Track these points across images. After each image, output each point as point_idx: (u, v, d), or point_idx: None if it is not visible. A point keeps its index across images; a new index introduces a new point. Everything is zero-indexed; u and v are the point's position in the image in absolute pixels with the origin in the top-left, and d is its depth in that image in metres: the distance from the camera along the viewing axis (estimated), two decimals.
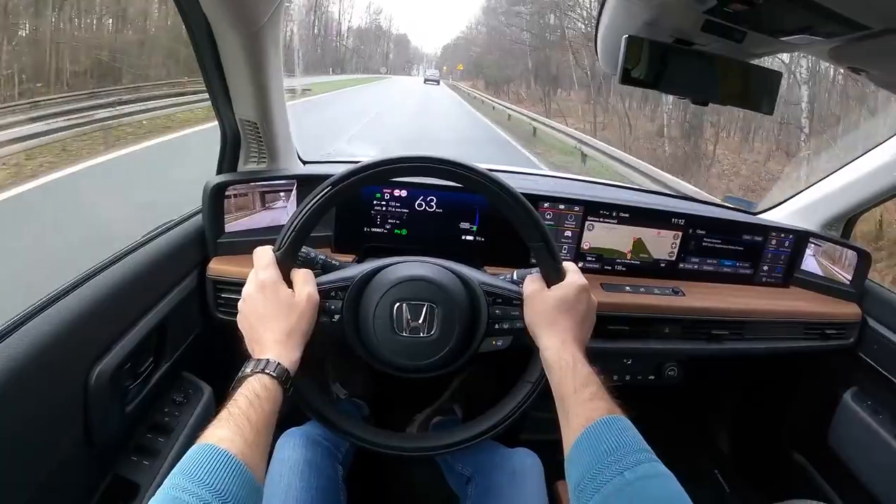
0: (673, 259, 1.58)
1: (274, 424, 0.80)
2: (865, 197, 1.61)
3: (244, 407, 0.76)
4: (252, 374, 0.82)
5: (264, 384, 0.80)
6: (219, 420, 0.74)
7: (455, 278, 1.02)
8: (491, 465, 1.22)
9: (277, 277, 0.92)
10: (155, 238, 1.22)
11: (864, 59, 1.01)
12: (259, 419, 0.76)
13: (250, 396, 0.78)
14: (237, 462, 0.68)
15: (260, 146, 1.39)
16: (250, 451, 0.71)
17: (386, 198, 1.43)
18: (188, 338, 1.27)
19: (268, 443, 0.77)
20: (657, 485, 0.72)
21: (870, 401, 1.60)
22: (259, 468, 0.72)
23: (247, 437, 0.72)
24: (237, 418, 0.74)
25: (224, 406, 0.77)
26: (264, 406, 0.78)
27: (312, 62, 68.83)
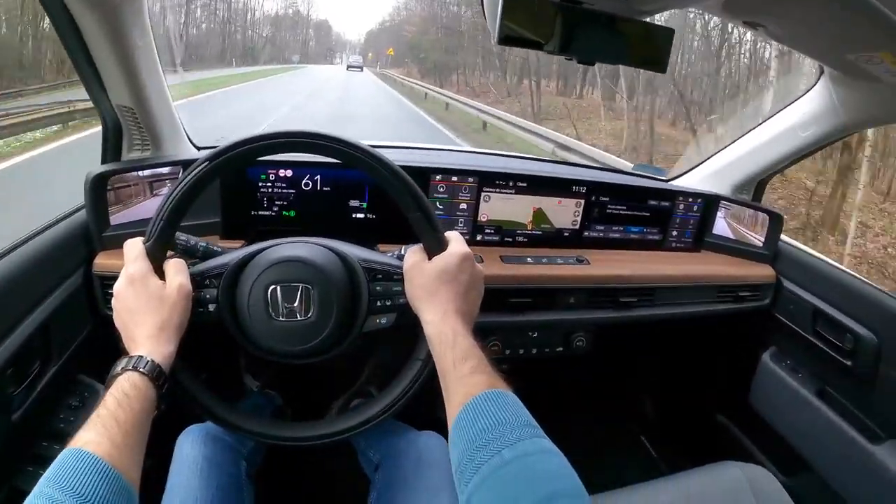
0: (577, 228, 1.57)
1: (147, 423, 0.77)
2: (774, 159, 1.63)
3: (112, 407, 0.72)
4: (122, 373, 0.78)
5: (133, 382, 0.77)
6: (88, 423, 0.70)
7: (333, 256, 0.99)
8: (397, 451, 1.19)
9: (147, 269, 0.88)
10: (36, 236, 1.16)
11: (758, 12, 1.00)
12: (128, 419, 0.72)
13: (118, 396, 0.74)
14: (104, 465, 0.65)
15: (142, 133, 1.32)
16: (119, 453, 0.68)
17: (272, 179, 1.38)
18: (78, 337, 1.21)
19: (141, 443, 0.74)
20: (537, 462, 0.68)
21: (788, 360, 1.63)
22: (130, 469, 0.69)
23: (115, 438, 0.69)
24: (105, 419, 0.71)
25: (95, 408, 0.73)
26: (133, 405, 0.74)
27: (214, 53, 61.32)
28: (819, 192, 9.07)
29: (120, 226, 1.27)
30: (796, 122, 1.53)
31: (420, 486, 1.10)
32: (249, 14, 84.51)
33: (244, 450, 1.19)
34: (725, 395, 1.86)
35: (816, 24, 1.00)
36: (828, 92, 1.41)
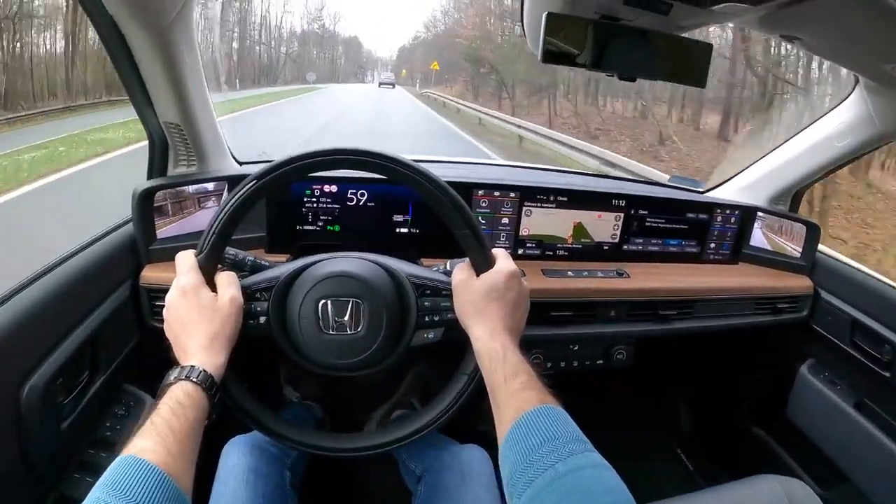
0: (616, 241, 1.57)
1: (200, 432, 0.78)
2: (811, 170, 1.62)
3: (167, 416, 0.74)
4: (175, 382, 0.80)
5: (187, 392, 0.79)
6: (142, 431, 0.72)
7: (382, 272, 1.00)
8: (440, 463, 1.20)
9: (199, 281, 0.90)
10: (84, 248, 1.18)
11: (794, 26, 1.01)
12: (183, 427, 0.74)
13: (172, 405, 0.76)
14: (159, 472, 0.66)
15: (188, 149, 1.35)
16: (173, 461, 0.69)
17: (317, 194, 1.40)
18: (125, 349, 1.24)
19: (194, 451, 0.76)
20: (590, 476, 0.69)
21: (826, 372, 1.61)
22: (184, 477, 0.70)
23: (169, 446, 0.70)
24: (159, 428, 0.72)
25: (148, 416, 0.74)
26: (188, 414, 0.76)
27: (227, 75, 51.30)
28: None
29: (166, 239, 1.30)
30: (832, 132, 1.51)
31: (463, 498, 1.11)
32: (263, 29, 72.25)
33: (288, 460, 1.21)
34: (763, 407, 1.84)
35: (852, 36, 1.00)
36: (863, 101, 1.40)
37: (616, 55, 1.01)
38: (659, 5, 0.93)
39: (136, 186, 1.25)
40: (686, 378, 2.14)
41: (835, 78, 6.03)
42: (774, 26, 1.03)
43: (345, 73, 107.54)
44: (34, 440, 0.92)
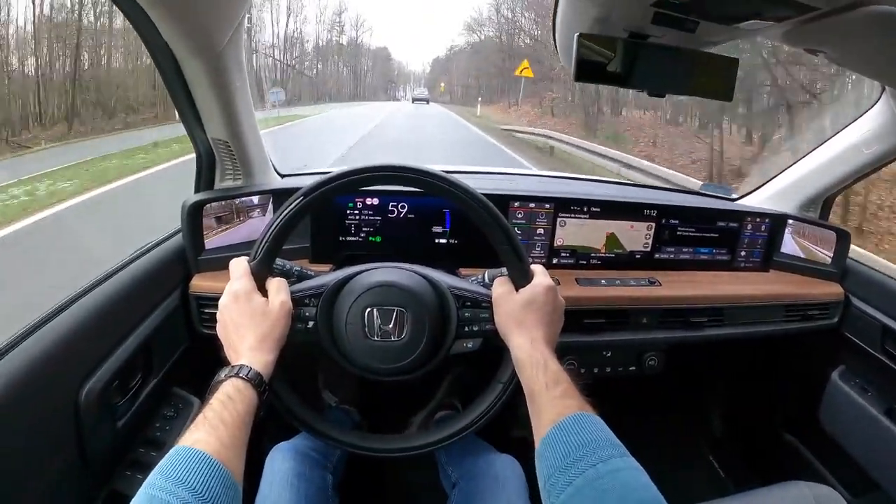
0: (648, 250, 1.59)
1: (249, 425, 0.82)
2: (840, 176, 1.62)
3: (218, 410, 0.78)
4: (226, 379, 0.84)
5: (237, 387, 0.83)
6: (195, 424, 0.76)
7: (425, 282, 1.05)
8: (476, 470, 1.24)
9: (251, 287, 0.95)
10: (137, 259, 1.24)
11: (818, 40, 1.03)
12: (233, 420, 0.78)
13: (223, 399, 0.80)
14: (213, 461, 0.70)
15: (234, 163, 1.41)
16: (226, 451, 0.73)
17: (359, 206, 1.45)
18: (175, 353, 1.30)
19: (243, 443, 0.79)
20: (628, 478, 0.73)
21: (857, 379, 1.61)
22: (236, 466, 0.74)
23: (221, 437, 0.74)
24: (211, 420, 0.76)
25: (200, 411, 0.79)
26: (238, 407, 0.80)
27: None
28: None
29: (214, 249, 1.36)
30: (859, 139, 1.52)
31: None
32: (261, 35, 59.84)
33: (329, 464, 1.26)
34: (794, 413, 1.84)
35: (876, 48, 1.01)
36: (889, 109, 1.41)
37: (645, 72, 1.04)
38: (685, 23, 0.96)
39: (186, 200, 1.32)
40: (717, 384, 2.14)
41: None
42: (799, 40, 1.05)
43: (371, 88, 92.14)
44: (91, 439, 0.97)
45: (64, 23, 18.94)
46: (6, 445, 0.81)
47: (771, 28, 0.98)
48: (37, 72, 18.04)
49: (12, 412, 0.82)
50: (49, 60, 19.03)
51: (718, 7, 0.93)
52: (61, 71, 19.07)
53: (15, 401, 0.83)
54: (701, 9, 0.93)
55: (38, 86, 17.52)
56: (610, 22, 1.02)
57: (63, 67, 19.12)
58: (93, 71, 19.59)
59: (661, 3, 0.89)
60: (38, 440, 0.88)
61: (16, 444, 0.83)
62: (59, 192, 8.42)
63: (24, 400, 0.84)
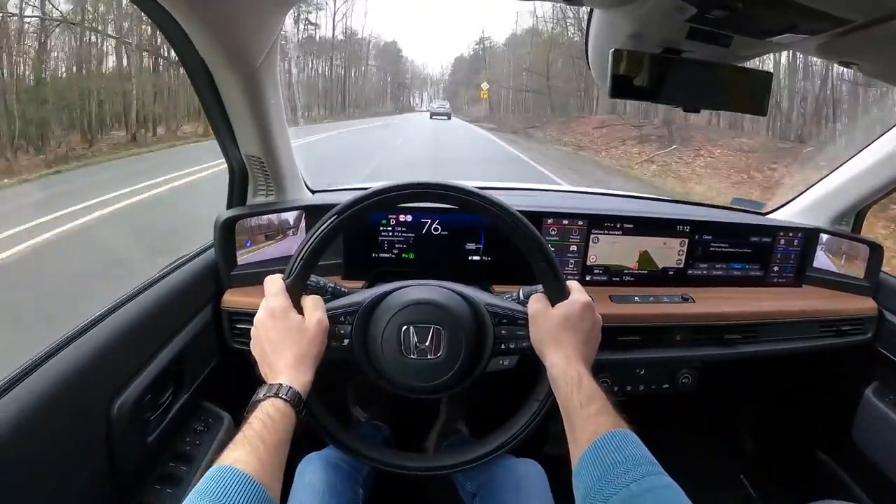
0: (681, 266, 1.58)
1: (288, 445, 0.83)
2: (873, 188, 1.60)
3: (258, 429, 0.78)
4: (265, 399, 0.84)
5: (277, 407, 0.83)
6: (234, 443, 0.77)
7: (461, 300, 1.04)
8: (494, 480, 1.22)
9: (287, 304, 0.95)
10: (170, 273, 1.25)
11: (852, 53, 1.01)
12: (273, 440, 0.78)
13: (264, 419, 0.80)
14: (252, 481, 0.71)
15: (267, 180, 1.42)
16: (265, 471, 0.73)
17: (392, 223, 1.45)
18: (206, 368, 1.30)
19: (282, 463, 0.80)
20: (664, 496, 0.73)
21: (891, 395, 1.58)
22: (274, 487, 0.75)
23: (261, 457, 0.74)
24: (251, 440, 0.76)
25: (240, 430, 0.79)
26: (277, 428, 0.80)
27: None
28: None
29: (246, 265, 1.36)
30: (893, 150, 1.50)
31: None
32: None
33: (360, 477, 1.24)
34: (827, 431, 1.81)
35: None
36: None
37: (679, 87, 1.03)
38: (720, 38, 0.95)
39: (219, 216, 1.33)
40: (750, 402, 2.12)
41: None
42: (833, 53, 1.03)
43: (375, 97, 62.53)
44: (122, 453, 0.98)
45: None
46: (36, 457, 0.82)
47: (805, 41, 0.97)
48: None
49: (43, 424, 0.83)
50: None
51: (754, 22, 0.92)
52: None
53: (46, 413, 0.83)
54: (736, 24, 0.92)
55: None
56: (643, 38, 1.02)
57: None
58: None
59: (696, 18, 0.89)
60: (68, 453, 0.88)
61: (46, 457, 0.84)
62: None
63: (56, 413, 0.85)
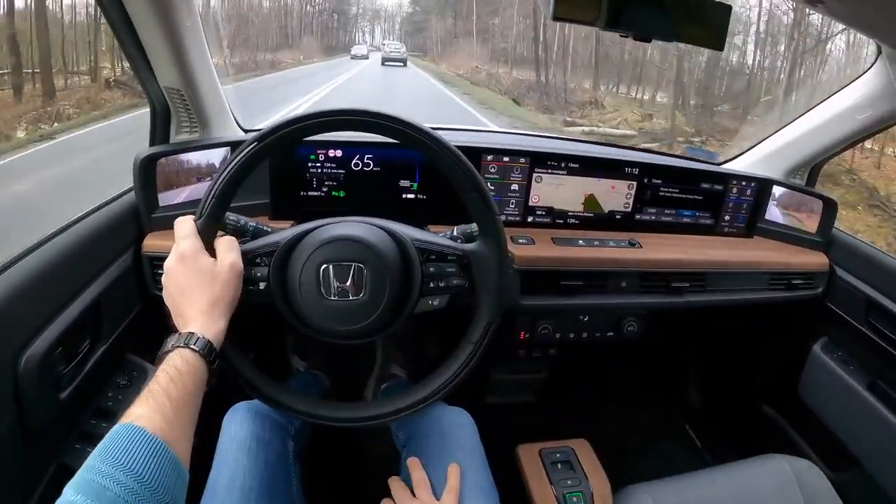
0: (628, 210, 1.54)
1: (199, 399, 0.78)
2: (830, 143, 1.58)
3: (164, 383, 0.74)
4: (173, 349, 0.80)
5: (185, 358, 0.78)
6: (139, 398, 0.72)
7: (385, 236, 0.98)
8: (422, 429, 1.19)
9: (198, 247, 0.89)
10: (86, 217, 1.17)
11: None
12: (180, 395, 0.74)
13: (171, 372, 0.76)
14: (155, 440, 0.66)
15: (190, 115, 1.33)
16: (170, 428, 0.69)
17: (321, 159, 1.37)
18: (127, 318, 1.23)
19: (192, 418, 0.76)
20: None
21: (840, 351, 1.58)
22: (181, 445, 0.70)
23: (166, 414, 0.70)
24: (156, 395, 0.72)
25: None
26: (185, 381, 0.76)
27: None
28: None
29: (168, 207, 1.28)
30: (852, 104, 1.47)
31: (446, 457, 1.09)
32: None
33: (291, 428, 1.19)
34: (773, 385, 1.82)
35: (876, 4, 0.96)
36: (886, 73, 1.36)
37: (631, 15, 0.97)
38: None
39: (138, 154, 1.23)
40: (697, 354, 2.13)
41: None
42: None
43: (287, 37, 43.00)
44: (33, 410, 0.91)
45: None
46: None
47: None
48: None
49: None
50: None
51: None
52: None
53: None
54: None
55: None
56: None
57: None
58: None
59: None
60: None
61: None
62: None
63: None
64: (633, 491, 1.22)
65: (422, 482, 1.05)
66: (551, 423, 1.61)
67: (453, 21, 42.27)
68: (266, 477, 1.04)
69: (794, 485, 1.23)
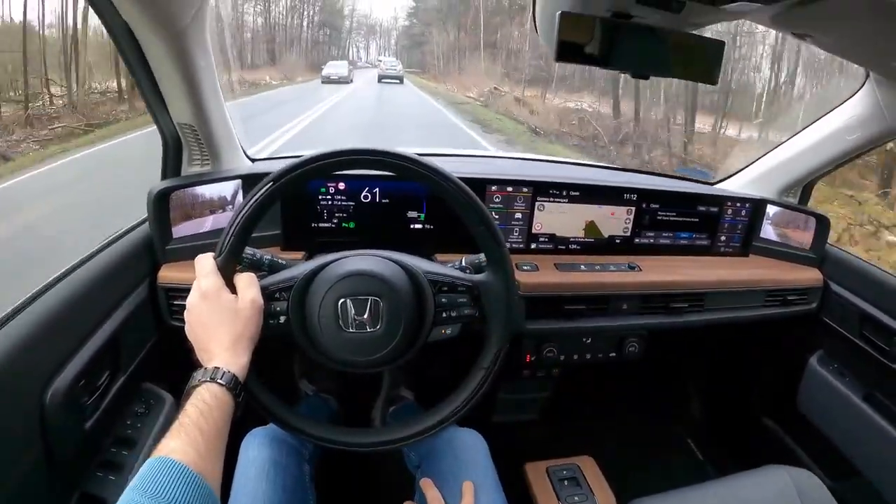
0: (628, 234, 1.57)
1: (227, 431, 0.80)
2: (821, 162, 1.61)
3: (195, 417, 0.75)
4: (201, 384, 0.81)
5: (213, 393, 0.80)
6: (171, 432, 0.73)
7: (399, 269, 1.01)
8: (436, 450, 1.21)
9: (220, 284, 0.91)
10: (101, 251, 1.19)
11: (806, 24, 1.01)
12: (210, 428, 0.76)
13: (201, 406, 0.77)
14: (190, 473, 0.68)
15: (202, 148, 1.36)
16: (203, 461, 0.71)
17: (331, 191, 1.40)
18: (144, 348, 1.25)
19: (221, 451, 0.78)
20: None
21: (835, 363, 1.62)
22: (213, 477, 0.72)
23: (199, 447, 0.72)
24: (188, 429, 0.73)
25: (176, 417, 0.76)
26: (215, 415, 0.78)
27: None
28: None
29: (182, 238, 1.31)
30: (842, 125, 1.51)
31: (455, 483, 1.11)
32: None
33: (306, 452, 1.22)
34: (772, 398, 1.85)
35: (862, 33, 1.00)
36: (873, 95, 1.40)
37: (628, 53, 1.00)
38: (671, 3, 0.92)
39: (152, 187, 1.26)
40: (697, 370, 2.15)
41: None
42: (786, 24, 1.03)
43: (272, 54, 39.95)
44: (58, 441, 0.93)
45: None
46: None
47: (758, 11, 0.96)
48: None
49: None
50: None
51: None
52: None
53: None
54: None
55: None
56: (593, 1, 0.99)
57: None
58: None
59: None
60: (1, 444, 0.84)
61: None
62: None
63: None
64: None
65: (436, 501, 1.07)
66: (556, 441, 1.63)
67: (457, 34, 37.28)
68: (285, 501, 1.07)
69: (794, 495, 1.24)
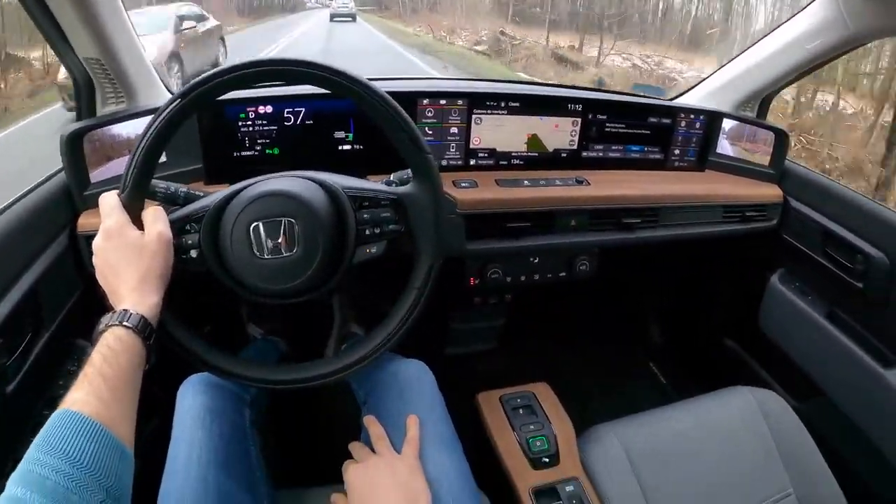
0: (574, 148, 1.51)
1: (137, 376, 0.76)
2: (779, 74, 1.56)
3: (98, 364, 0.71)
4: (106, 328, 0.77)
5: (118, 336, 0.75)
6: (76, 383, 0.70)
7: (316, 187, 0.95)
8: (380, 383, 1.17)
9: (123, 221, 0.85)
10: (16, 203, 1.11)
11: None
12: (116, 374, 0.71)
13: (104, 352, 0.73)
14: (93, 423, 0.65)
15: (115, 86, 1.27)
16: (108, 410, 0.67)
17: (251, 116, 1.32)
18: (69, 301, 1.18)
19: (131, 397, 0.74)
20: None
21: (797, 282, 1.60)
22: (121, 425, 0.69)
23: (102, 395, 0.68)
24: (91, 377, 0.70)
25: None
26: (120, 360, 0.73)
27: None
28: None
29: (101, 182, 1.22)
30: (801, 34, 1.46)
31: (401, 417, 1.07)
32: None
33: (248, 396, 1.16)
34: (734, 319, 1.84)
35: None
36: (834, 2, 1.35)
37: None
38: None
39: (63, 130, 1.17)
40: (656, 291, 2.14)
41: None
42: None
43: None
44: None
45: None
46: None
47: None
48: None
49: None
50: None
51: None
52: None
53: None
54: None
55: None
56: None
57: None
58: None
59: None
60: None
61: None
62: None
63: None
64: (597, 431, 1.23)
65: (380, 437, 1.03)
66: (513, 370, 1.60)
67: None
68: (222, 448, 1.01)
69: (758, 415, 1.25)
